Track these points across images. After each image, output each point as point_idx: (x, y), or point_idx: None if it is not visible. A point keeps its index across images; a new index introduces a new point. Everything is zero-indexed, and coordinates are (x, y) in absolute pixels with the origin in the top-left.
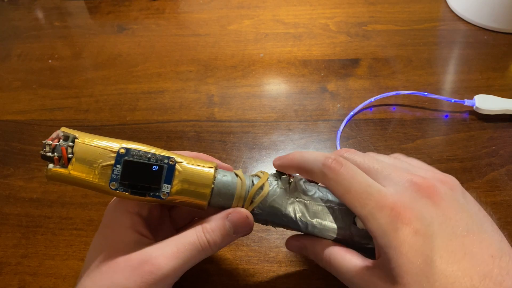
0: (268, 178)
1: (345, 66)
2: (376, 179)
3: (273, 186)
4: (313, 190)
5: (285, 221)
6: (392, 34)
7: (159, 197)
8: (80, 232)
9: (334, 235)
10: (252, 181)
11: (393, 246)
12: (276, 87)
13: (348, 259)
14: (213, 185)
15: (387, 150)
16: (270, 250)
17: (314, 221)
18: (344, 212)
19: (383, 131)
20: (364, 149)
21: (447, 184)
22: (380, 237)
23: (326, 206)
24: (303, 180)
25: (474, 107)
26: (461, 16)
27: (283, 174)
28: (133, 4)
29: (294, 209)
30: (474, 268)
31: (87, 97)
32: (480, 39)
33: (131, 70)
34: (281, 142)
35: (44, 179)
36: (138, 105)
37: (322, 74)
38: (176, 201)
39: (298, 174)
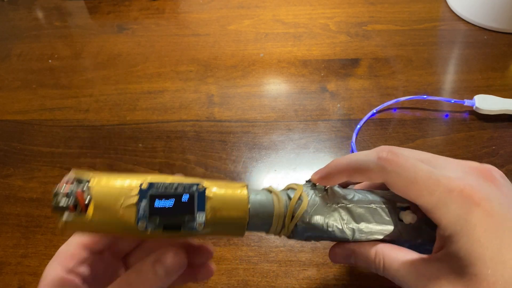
0: (303, 189)
1: (345, 66)
2: (435, 168)
3: (311, 196)
4: (351, 193)
5: (330, 232)
6: (392, 34)
7: (195, 229)
8: None
9: (382, 236)
10: (288, 195)
11: (465, 231)
12: (276, 87)
13: (402, 256)
14: (249, 206)
15: None
16: (270, 250)
17: (361, 225)
18: (389, 210)
19: (383, 131)
20: (364, 149)
21: (497, 170)
22: (451, 224)
23: (369, 207)
24: (337, 185)
25: (474, 107)
26: (461, 16)
27: (315, 186)
28: (133, 4)
29: (338, 217)
30: None
31: (87, 97)
32: (480, 39)
33: (131, 70)
34: (281, 142)
35: (44, 179)
36: (138, 105)
37: (322, 74)
38: (212, 233)
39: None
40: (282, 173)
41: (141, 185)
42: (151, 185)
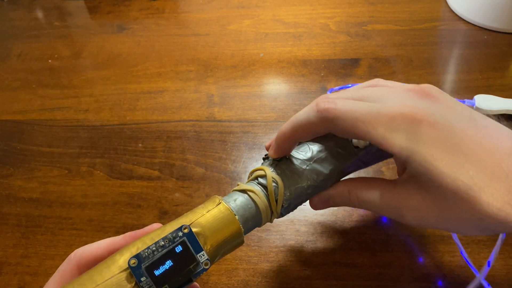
0: (271, 170)
1: (345, 66)
2: (373, 102)
3: (279, 172)
4: (306, 148)
5: (310, 192)
6: (392, 34)
7: (204, 269)
8: (79, 232)
9: (350, 169)
10: (260, 184)
11: (417, 150)
12: (276, 87)
13: (372, 187)
14: (236, 217)
15: None
16: (270, 250)
17: (329, 171)
18: (344, 145)
19: None
20: None
21: (433, 87)
22: (403, 149)
23: (329, 152)
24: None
25: (474, 107)
26: (461, 16)
27: (276, 159)
28: (133, 4)
29: (309, 176)
30: (501, 143)
31: (87, 97)
32: (480, 39)
33: (131, 70)
34: None
35: (43, 179)
36: (138, 105)
37: (322, 74)
38: (217, 259)
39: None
40: None
41: (129, 263)
42: (138, 257)
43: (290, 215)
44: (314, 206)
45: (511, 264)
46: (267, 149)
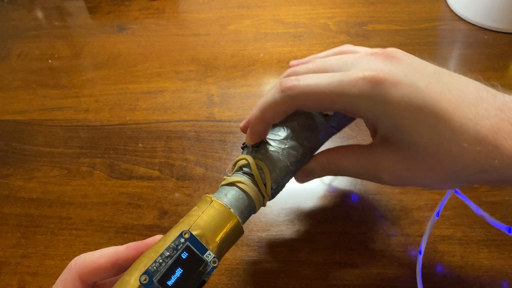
0: (254, 158)
1: None
2: (338, 71)
3: (261, 158)
4: (281, 129)
5: (293, 169)
6: (392, 34)
7: (214, 267)
8: (79, 232)
9: (326, 138)
10: (246, 173)
11: (382, 111)
12: None
13: (349, 154)
14: (231, 210)
15: None
16: (270, 250)
17: (307, 142)
18: (315, 117)
19: None
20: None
21: (398, 50)
22: (369, 112)
23: (302, 126)
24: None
25: None
26: (461, 16)
27: (256, 144)
28: (133, 4)
29: (290, 155)
30: (467, 94)
31: (87, 97)
32: (480, 39)
33: (131, 70)
34: None
35: (43, 179)
36: (138, 105)
37: None
38: (224, 253)
39: None
40: None
41: (140, 279)
42: (148, 273)
43: (290, 215)
44: (299, 180)
45: (511, 264)
46: (242, 130)
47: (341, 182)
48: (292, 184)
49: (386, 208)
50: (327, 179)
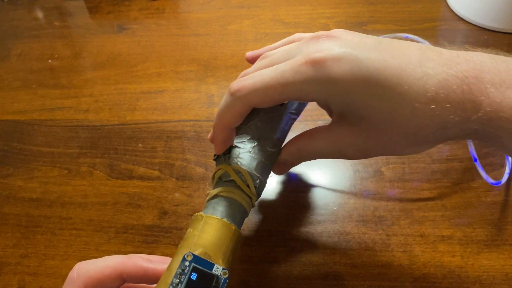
0: (229, 164)
1: None
2: (285, 59)
3: (238, 162)
4: (244, 129)
5: (268, 163)
6: (392, 34)
7: (226, 279)
8: (79, 232)
9: (289, 126)
10: (226, 181)
11: (330, 91)
12: None
13: (314, 138)
14: (227, 221)
15: None
16: (270, 250)
17: (275, 134)
18: (274, 108)
19: None
20: None
21: (341, 29)
22: (319, 94)
23: (262, 122)
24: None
25: None
26: (461, 16)
27: (226, 151)
28: (133, 4)
29: (262, 151)
30: (411, 57)
31: (87, 97)
32: (480, 39)
33: (131, 70)
34: None
35: (43, 179)
36: (138, 105)
37: None
38: (231, 262)
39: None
40: None
41: None
42: None
43: (290, 215)
44: (277, 173)
45: (511, 264)
46: (211, 141)
47: (341, 182)
48: (292, 184)
49: (386, 208)
50: (329, 179)
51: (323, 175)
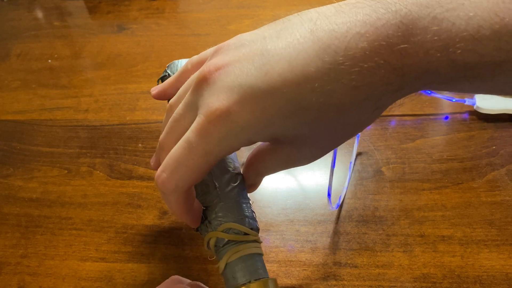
0: (215, 229)
1: None
2: (190, 122)
3: (221, 221)
4: (203, 189)
5: (243, 195)
6: None
7: None
8: (79, 232)
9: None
10: (224, 244)
11: (251, 134)
12: None
13: (263, 159)
14: (253, 281)
15: (387, 150)
16: (270, 250)
17: (229, 175)
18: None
19: (383, 131)
20: (364, 148)
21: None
22: (242, 142)
23: (215, 172)
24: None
25: (475, 106)
26: None
27: (202, 219)
28: (133, 4)
29: (228, 195)
30: (298, 36)
31: (86, 97)
32: None
33: (130, 69)
34: None
35: (43, 179)
36: (138, 104)
37: None
38: None
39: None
40: (281, 173)
41: None
42: None
43: (290, 215)
44: (253, 190)
45: (511, 264)
46: (154, 168)
47: (341, 182)
48: (292, 184)
49: (386, 208)
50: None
51: (323, 175)
